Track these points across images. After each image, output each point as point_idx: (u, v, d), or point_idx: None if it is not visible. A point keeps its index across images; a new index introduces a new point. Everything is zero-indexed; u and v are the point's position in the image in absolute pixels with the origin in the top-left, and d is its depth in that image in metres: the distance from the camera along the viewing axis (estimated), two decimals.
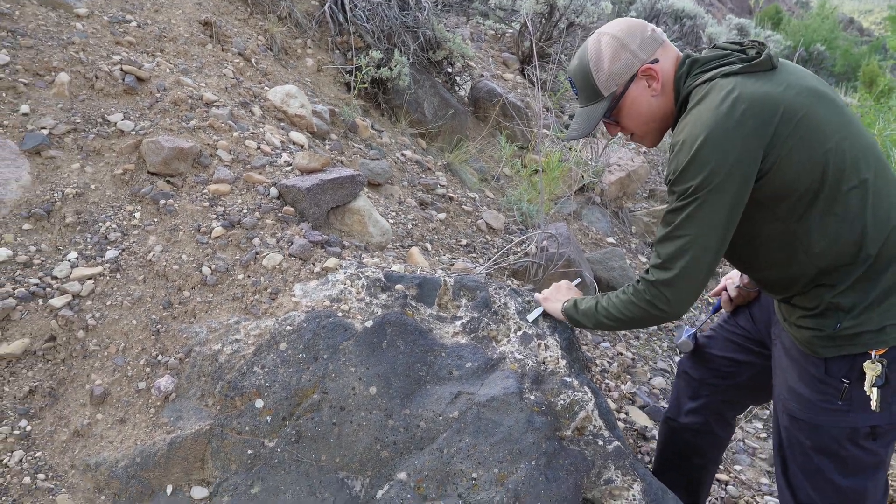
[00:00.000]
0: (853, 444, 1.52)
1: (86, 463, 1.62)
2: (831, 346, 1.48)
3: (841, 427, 1.51)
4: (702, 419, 2.01)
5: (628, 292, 1.64)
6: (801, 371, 1.56)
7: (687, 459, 2.09)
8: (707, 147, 1.41)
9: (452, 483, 1.63)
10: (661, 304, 1.56)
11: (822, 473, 1.58)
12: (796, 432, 1.60)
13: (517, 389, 1.74)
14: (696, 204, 1.44)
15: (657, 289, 1.55)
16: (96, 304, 1.82)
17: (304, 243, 2.03)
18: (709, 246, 1.48)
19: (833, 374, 1.49)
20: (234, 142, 2.36)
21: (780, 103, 1.41)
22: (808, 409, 1.55)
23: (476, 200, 3.64)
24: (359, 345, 1.75)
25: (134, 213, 2.03)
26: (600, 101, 1.64)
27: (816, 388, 1.53)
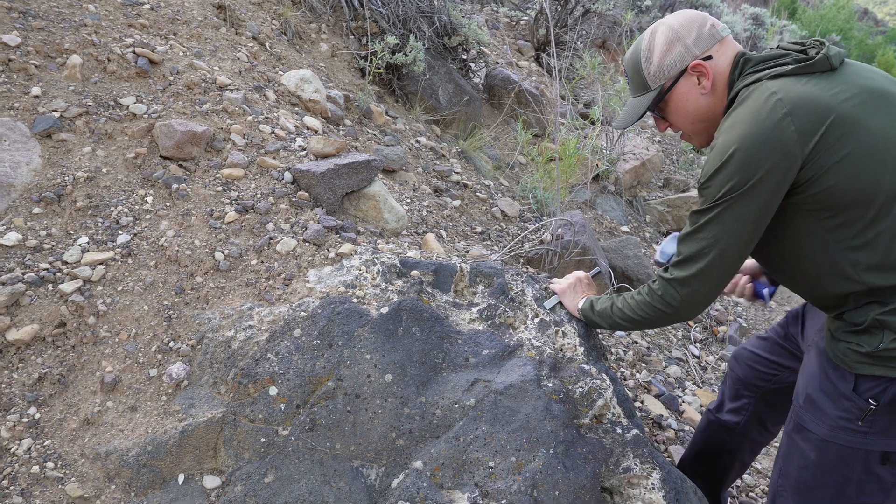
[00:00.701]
0: (862, 467, 1.43)
1: (96, 451, 1.60)
2: (868, 363, 1.38)
3: (855, 448, 1.42)
4: (740, 419, 1.98)
5: (643, 293, 1.62)
6: (825, 382, 1.47)
7: (717, 455, 2.06)
8: (739, 153, 1.35)
9: (469, 471, 1.60)
10: (674, 303, 1.53)
11: (820, 492, 1.51)
12: (802, 443, 1.52)
13: (535, 377, 1.70)
14: (722, 208, 1.40)
15: (672, 287, 1.52)
16: (107, 290, 1.79)
17: (318, 228, 2.00)
18: (729, 251, 1.43)
19: (860, 393, 1.40)
20: (247, 126, 2.33)
21: (829, 108, 1.32)
22: (825, 422, 1.46)
23: (490, 188, 3.60)
24: (374, 331, 1.72)
25: (146, 197, 2.01)
26: (647, 94, 1.59)
27: (839, 403, 1.44)
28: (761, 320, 4.07)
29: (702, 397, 2.97)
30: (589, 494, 1.60)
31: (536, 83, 5.40)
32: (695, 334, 3.56)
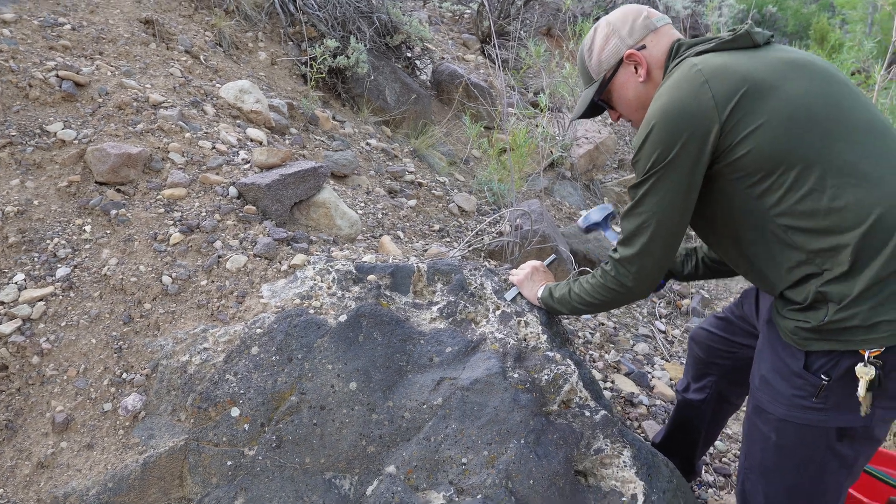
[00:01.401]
0: (821, 444, 1.44)
1: (53, 495, 1.53)
2: (816, 338, 1.37)
3: (812, 426, 1.43)
4: (704, 396, 2.04)
5: (597, 275, 1.64)
6: (778, 362, 1.47)
7: (686, 431, 2.13)
8: (660, 123, 1.40)
9: (443, 470, 1.58)
10: (627, 282, 1.56)
11: (782, 472, 1.52)
12: (762, 425, 1.53)
13: (500, 369, 1.69)
14: (653, 180, 1.44)
15: (623, 266, 1.55)
16: (50, 327, 1.72)
17: (268, 242, 1.95)
18: (667, 223, 1.46)
19: (812, 369, 1.40)
20: (186, 143, 2.26)
21: (747, 75, 1.35)
22: (781, 402, 1.47)
23: (446, 184, 3.58)
24: (334, 341, 1.69)
25: (84, 226, 1.93)
26: (592, 85, 1.68)
27: (792, 381, 1.43)
28: (722, 290, 4.14)
29: (671, 371, 3.01)
30: (563, 479, 1.60)
31: (484, 76, 5.40)
32: (659, 310, 3.60)
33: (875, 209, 1.28)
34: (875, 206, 1.28)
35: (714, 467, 2.46)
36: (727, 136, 1.36)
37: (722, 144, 1.37)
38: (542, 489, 1.57)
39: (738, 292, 4.04)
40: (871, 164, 1.31)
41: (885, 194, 1.29)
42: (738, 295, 1.97)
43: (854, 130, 1.34)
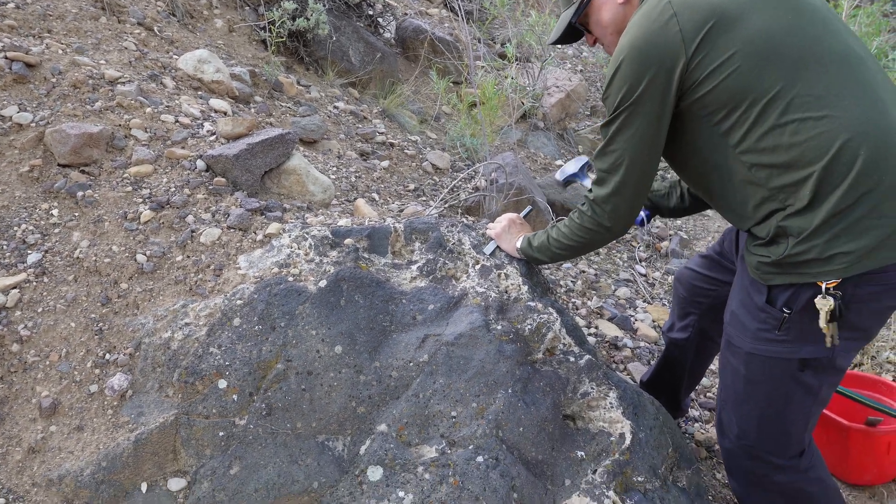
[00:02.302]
0: (786, 375, 1.48)
1: (47, 478, 1.54)
2: (777, 272, 1.40)
3: (777, 358, 1.47)
4: (687, 335, 2.07)
5: (574, 218, 1.64)
6: (745, 297, 1.51)
7: (671, 369, 2.18)
8: (628, 58, 1.39)
9: (433, 425, 1.61)
10: (604, 222, 1.56)
11: (753, 402, 1.56)
12: (732, 359, 1.57)
13: (483, 322, 1.71)
14: (624, 117, 1.43)
15: (599, 206, 1.55)
16: (27, 314, 1.70)
17: (241, 213, 1.93)
18: (639, 160, 1.46)
19: (774, 303, 1.43)
20: (148, 118, 2.21)
21: (714, 8, 1.33)
22: (747, 336, 1.51)
23: (418, 143, 3.55)
24: (316, 306, 1.69)
25: (51, 210, 1.89)
26: (571, 6, 1.66)
27: (757, 315, 1.47)
28: (701, 231, 4.20)
29: (653, 313, 3.07)
30: (552, 424, 1.64)
31: (449, 29, 5.30)
32: (639, 254, 3.64)
33: (836, 142, 1.28)
34: (837, 138, 1.28)
35: (699, 402, 2.53)
36: (693, 72, 1.35)
37: (688, 80, 1.37)
38: (531, 435, 1.61)
39: (716, 231, 4.10)
40: (837, 95, 1.30)
41: (847, 126, 1.28)
42: (722, 234, 1.99)
43: (821, 61, 1.32)
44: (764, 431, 1.57)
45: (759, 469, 1.61)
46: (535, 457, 1.60)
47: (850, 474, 2.12)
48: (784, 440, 1.56)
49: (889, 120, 1.31)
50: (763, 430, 1.57)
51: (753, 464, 1.61)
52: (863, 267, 1.30)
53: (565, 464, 1.61)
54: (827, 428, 2.09)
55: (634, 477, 1.60)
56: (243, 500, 1.51)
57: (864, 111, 1.30)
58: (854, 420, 2.07)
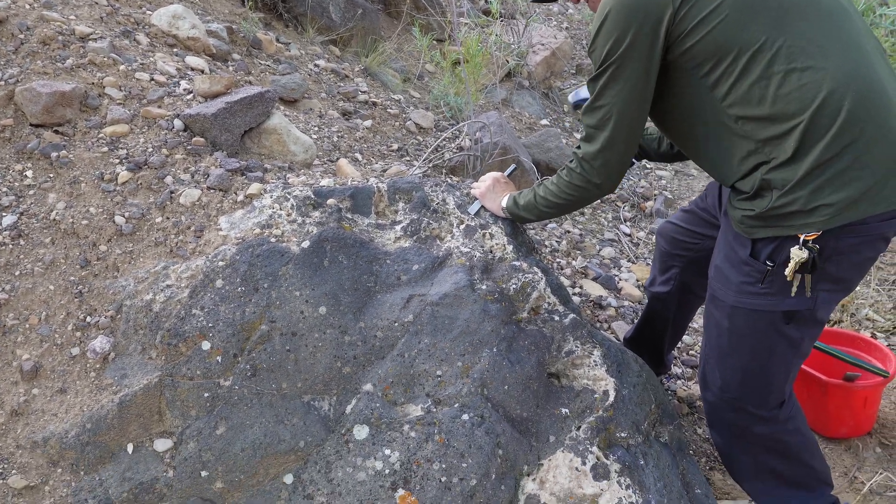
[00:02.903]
0: (769, 328, 1.50)
1: (32, 440, 1.53)
2: (760, 226, 1.41)
3: (760, 311, 1.48)
4: (669, 288, 2.09)
5: (562, 175, 1.62)
6: (729, 251, 1.52)
7: (654, 324, 2.21)
8: (614, 10, 1.36)
9: (419, 384, 1.62)
10: (593, 178, 1.55)
11: (736, 355, 1.58)
12: (716, 312, 1.59)
13: (468, 282, 1.71)
14: (610, 72, 1.41)
15: (588, 163, 1.53)
16: (4, 277, 1.67)
17: (221, 173, 1.89)
18: (627, 114, 1.44)
19: (758, 256, 1.44)
20: (122, 76, 2.14)
21: None
22: (731, 290, 1.52)
23: (401, 102, 3.49)
24: (299, 267, 1.68)
25: (25, 172, 1.84)
26: None
27: (741, 269, 1.49)
28: (685, 190, 4.20)
29: (637, 272, 3.09)
30: (537, 382, 1.66)
31: None
32: (624, 213, 3.65)
33: (821, 93, 1.28)
34: (821, 90, 1.28)
35: (682, 360, 2.58)
36: (680, 23, 1.34)
37: (675, 31, 1.35)
38: (516, 393, 1.62)
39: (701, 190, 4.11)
40: (821, 47, 1.30)
41: (832, 78, 1.28)
42: (705, 188, 1.99)
43: (806, 14, 1.32)
44: (747, 384, 1.60)
45: (741, 421, 1.65)
46: (519, 414, 1.62)
47: (828, 428, 2.18)
48: (766, 392, 1.60)
49: (873, 72, 1.31)
50: (746, 382, 1.60)
51: (736, 416, 1.65)
52: (844, 219, 1.32)
53: (550, 421, 1.64)
54: (807, 383, 2.14)
55: (618, 433, 1.63)
56: (230, 459, 1.52)
57: (849, 63, 1.30)
58: (833, 376, 2.12)
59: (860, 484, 2.01)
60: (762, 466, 1.70)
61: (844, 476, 2.05)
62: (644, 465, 1.62)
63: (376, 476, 1.52)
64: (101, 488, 1.51)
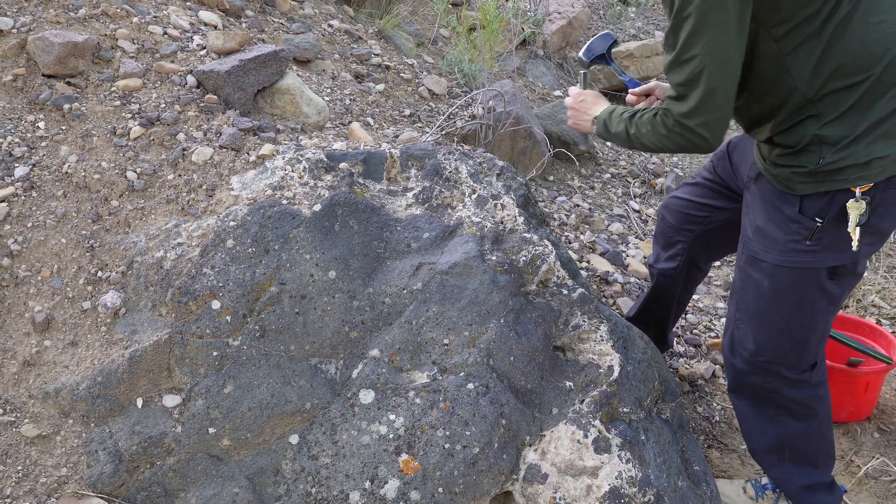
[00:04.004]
0: (813, 284, 1.51)
1: (44, 391, 1.56)
2: (810, 182, 1.40)
3: (805, 268, 1.49)
4: (676, 264, 2.06)
5: (658, 123, 1.47)
6: (772, 211, 1.50)
7: (658, 301, 2.19)
8: None
9: (425, 352, 1.63)
10: (694, 138, 1.41)
11: (777, 315, 1.58)
12: (756, 274, 1.58)
13: (478, 252, 1.71)
14: (697, 15, 1.25)
15: (682, 124, 1.40)
16: (16, 228, 1.67)
17: (233, 132, 1.88)
18: (725, 59, 1.29)
19: (806, 213, 1.43)
20: (135, 29, 2.11)
21: None
22: (775, 249, 1.51)
23: (415, 67, 3.44)
24: (310, 230, 1.68)
25: (37, 123, 1.83)
26: None
27: (787, 227, 1.47)
28: (696, 167, 4.17)
29: (644, 249, 3.08)
30: (542, 355, 1.67)
31: None
32: (634, 189, 3.63)
33: (891, 49, 1.28)
34: (891, 46, 1.28)
35: (685, 338, 2.59)
36: None
37: None
38: (521, 365, 1.64)
39: None
40: (891, 2, 1.29)
41: None
42: (710, 158, 1.96)
43: None
44: (784, 344, 1.60)
45: (771, 384, 1.66)
46: (524, 385, 1.63)
47: None
48: (802, 351, 1.61)
49: None
50: (783, 343, 1.60)
51: (766, 379, 1.66)
52: (894, 170, 1.34)
53: (553, 393, 1.65)
54: None
55: (620, 408, 1.64)
56: (237, 418, 1.55)
57: None
58: (836, 360, 2.13)
59: (856, 468, 2.04)
60: (783, 437, 1.71)
61: (841, 459, 2.08)
62: (645, 440, 1.64)
63: (380, 440, 1.54)
64: (111, 440, 1.53)
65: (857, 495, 1.97)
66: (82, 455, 1.51)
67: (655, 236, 2.13)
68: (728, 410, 2.29)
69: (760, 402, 1.71)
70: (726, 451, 2.14)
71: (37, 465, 1.50)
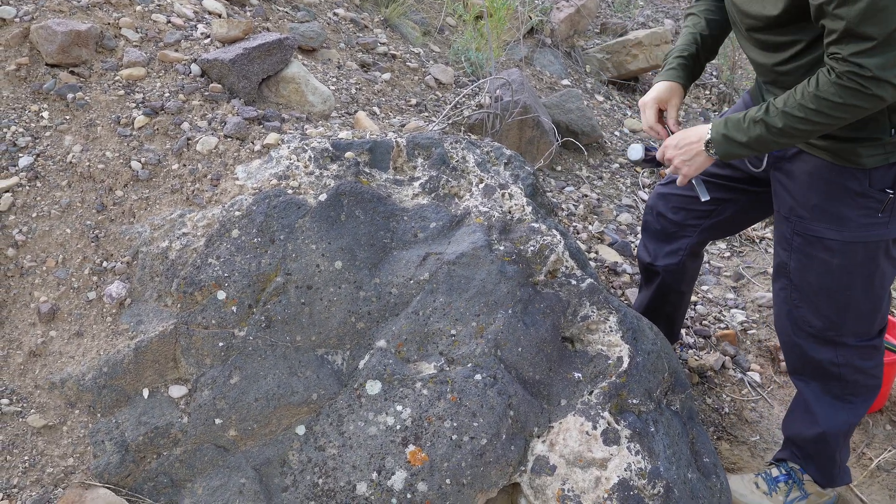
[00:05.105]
0: (884, 255, 1.52)
1: (50, 381, 1.55)
2: (880, 153, 1.39)
3: (878, 241, 1.49)
4: (678, 259, 2.00)
5: (830, 92, 1.30)
6: (832, 190, 1.48)
7: (664, 296, 2.13)
8: None
9: (432, 342, 1.62)
10: (886, 93, 1.27)
11: (848, 290, 1.57)
12: (821, 253, 1.55)
13: (485, 242, 1.69)
14: None
15: (880, 77, 1.24)
16: (21, 218, 1.66)
17: (238, 121, 1.86)
18: None
19: (876, 185, 1.42)
20: (138, 17, 2.09)
21: None
22: (844, 226, 1.49)
23: (421, 56, 3.40)
24: (316, 220, 1.66)
25: (41, 112, 1.82)
26: None
27: (857, 203, 1.46)
28: None
29: None
30: (551, 346, 1.66)
31: None
32: (643, 179, 3.59)
33: None
34: None
35: (695, 330, 2.56)
36: None
37: None
38: (529, 356, 1.62)
39: None
40: None
41: None
42: None
43: None
44: (854, 315, 1.62)
45: (843, 356, 1.67)
46: (532, 377, 1.62)
47: None
48: (872, 319, 1.64)
49: None
50: (853, 314, 1.62)
51: (837, 353, 1.67)
52: None
53: (562, 384, 1.64)
54: None
55: (630, 399, 1.63)
56: (244, 408, 1.54)
57: None
58: None
59: (868, 460, 2.02)
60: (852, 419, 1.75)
61: (853, 451, 2.06)
62: (654, 432, 1.62)
63: (387, 431, 1.53)
64: (117, 430, 1.53)
65: (868, 487, 1.95)
66: (88, 445, 1.51)
67: (651, 234, 2.03)
68: (738, 402, 2.27)
69: (827, 380, 1.72)
70: (736, 444, 2.12)
71: (43, 456, 1.49)
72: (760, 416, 2.25)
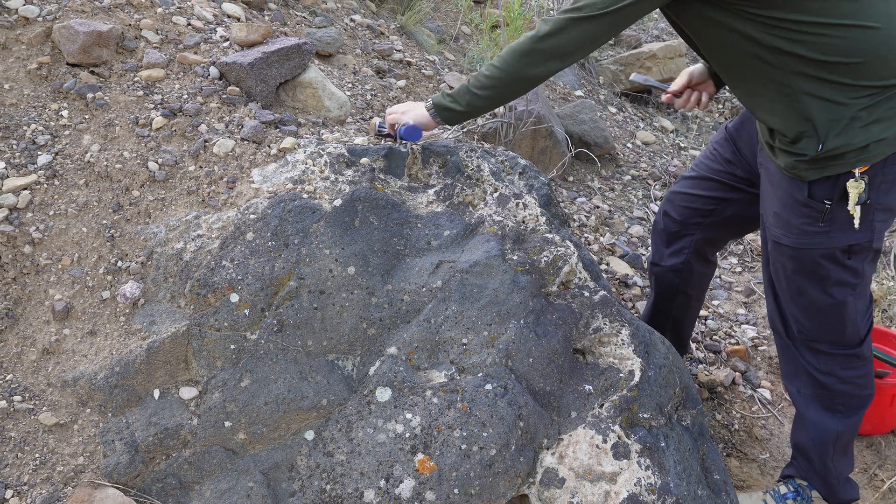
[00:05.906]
0: (833, 263, 1.57)
1: (62, 379, 1.56)
2: (815, 168, 1.47)
3: (822, 248, 1.55)
4: (682, 258, 2.04)
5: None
6: (785, 197, 1.57)
7: (671, 300, 2.14)
8: None
9: (444, 351, 1.62)
10: None
11: (805, 295, 1.65)
12: (780, 257, 1.65)
13: (499, 251, 1.69)
14: None
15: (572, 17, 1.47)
16: (38, 216, 1.67)
17: (255, 125, 1.87)
18: None
19: (816, 197, 1.50)
20: (159, 19, 2.11)
21: None
22: (792, 233, 1.58)
23: (436, 63, 3.42)
24: (330, 225, 1.66)
25: (60, 111, 1.83)
26: None
27: (800, 211, 1.54)
28: None
29: None
30: (562, 357, 1.65)
31: None
32: (654, 192, 3.59)
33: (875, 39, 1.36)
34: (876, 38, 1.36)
35: (705, 345, 2.55)
36: None
37: None
38: (541, 367, 1.61)
39: None
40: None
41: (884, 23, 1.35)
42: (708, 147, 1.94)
43: None
44: (819, 322, 1.68)
45: (825, 364, 1.72)
46: (543, 388, 1.61)
47: None
48: (840, 327, 1.68)
49: None
50: (818, 320, 1.68)
51: (819, 359, 1.73)
52: (893, 149, 1.43)
53: (573, 396, 1.63)
54: None
55: (641, 413, 1.62)
56: (253, 412, 1.54)
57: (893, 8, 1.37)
58: None
59: (880, 482, 2.00)
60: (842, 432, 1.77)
61: (864, 473, 2.03)
62: (665, 447, 1.61)
63: (397, 438, 1.53)
64: (127, 431, 1.53)
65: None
66: (99, 444, 1.51)
67: (657, 233, 2.12)
68: (747, 419, 2.26)
69: (815, 388, 1.76)
70: (745, 461, 2.11)
71: (54, 454, 1.50)
72: (770, 433, 2.23)
